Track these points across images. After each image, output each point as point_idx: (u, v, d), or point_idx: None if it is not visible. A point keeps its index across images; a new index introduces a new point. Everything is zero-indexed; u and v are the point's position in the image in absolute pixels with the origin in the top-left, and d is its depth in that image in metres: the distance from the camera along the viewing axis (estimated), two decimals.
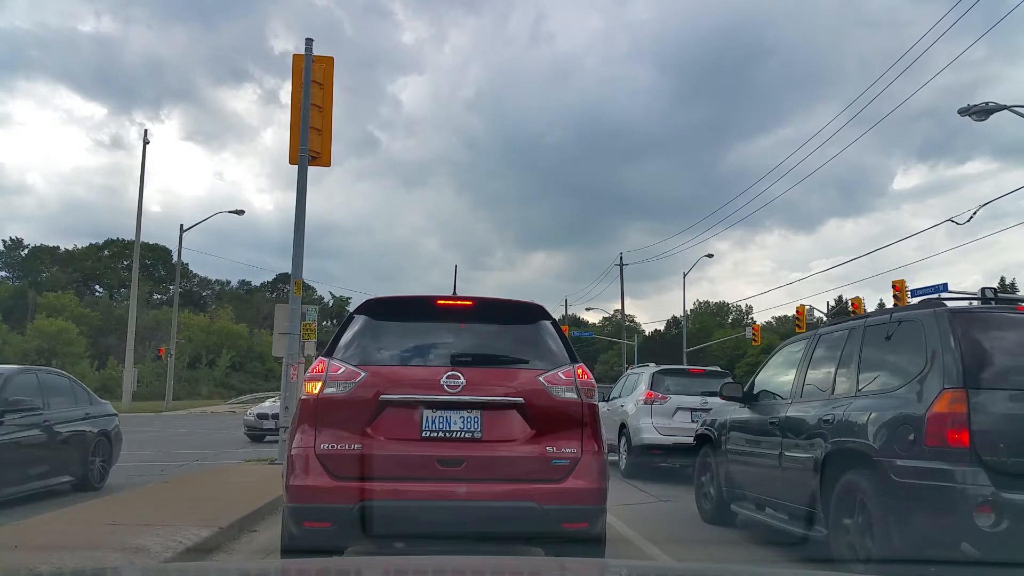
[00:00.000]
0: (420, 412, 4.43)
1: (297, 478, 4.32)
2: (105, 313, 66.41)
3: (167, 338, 42.59)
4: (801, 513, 5.65)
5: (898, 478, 4.51)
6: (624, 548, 6.08)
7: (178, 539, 5.55)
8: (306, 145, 11.83)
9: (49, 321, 56.18)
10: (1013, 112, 18.08)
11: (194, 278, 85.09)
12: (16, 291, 69.37)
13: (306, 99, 11.86)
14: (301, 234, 12.16)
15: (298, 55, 12.24)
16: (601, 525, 4.59)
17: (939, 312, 4.87)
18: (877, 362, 5.37)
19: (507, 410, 4.50)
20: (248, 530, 6.62)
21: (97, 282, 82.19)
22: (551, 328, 4.93)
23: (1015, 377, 4.50)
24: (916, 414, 4.54)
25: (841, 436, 5.20)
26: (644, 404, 11.79)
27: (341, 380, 4.48)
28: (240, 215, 37.81)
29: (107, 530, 5.84)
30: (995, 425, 4.34)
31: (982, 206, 21.91)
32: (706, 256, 48.89)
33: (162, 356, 42.00)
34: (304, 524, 4.31)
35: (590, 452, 4.49)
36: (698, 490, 7.98)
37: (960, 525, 4.20)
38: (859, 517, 4.87)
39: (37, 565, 4.64)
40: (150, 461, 13.46)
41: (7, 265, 79.31)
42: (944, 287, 23.25)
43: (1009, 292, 17.11)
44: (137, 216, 31.72)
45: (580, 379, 4.62)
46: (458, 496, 4.28)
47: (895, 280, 25.35)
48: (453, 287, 7.37)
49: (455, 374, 4.48)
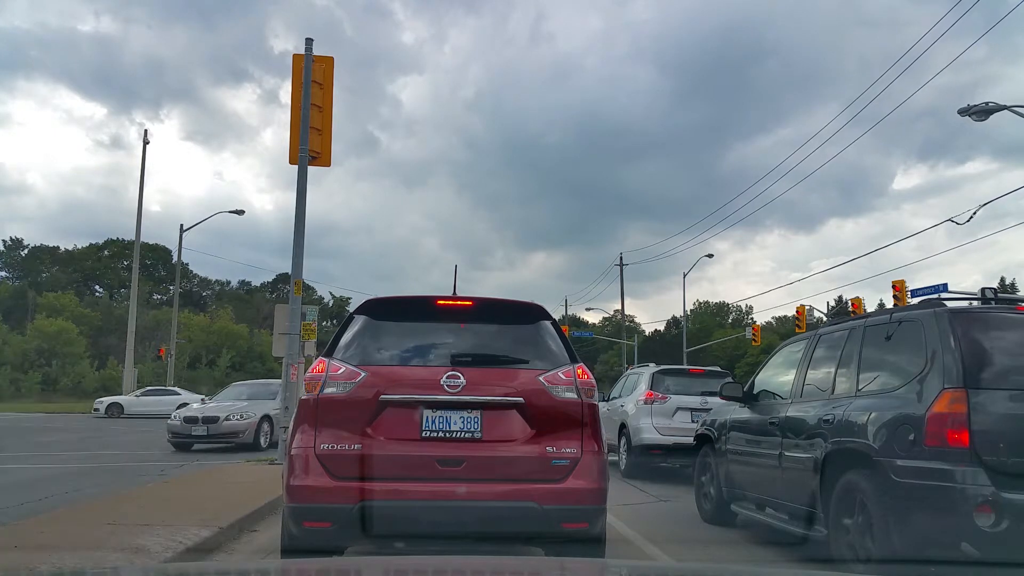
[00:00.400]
0: (420, 412, 4.43)
1: (297, 478, 4.32)
2: (105, 313, 66.39)
3: (167, 338, 42.59)
4: (801, 513, 5.65)
5: (898, 478, 4.51)
6: (624, 548, 6.08)
7: (178, 539, 5.56)
8: (306, 145, 11.84)
9: (49, 321, 56.18)
10: (1013, 112, 18.08)
11: (194, 278, 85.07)
12: (16, 291, 69.39)
13: (306, 99, 11.87)
14: (301, 234, 12.17)
15: (298, 55, 12.25)
16: (601, 525, 4.59)
17: (939, 312, 4.87)
18: (877, 362, 5.37)
19: (507, 410, 4.50)
20: (248, 530, 6.62)
21: (97, 282, 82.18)
22: (551, 328, 4.93)
23: (1015, 377, 4.50)
24: (916, 414, 4.54)
25: (841, 436, 5.20)
26: (644, 404, 11.79)
27: (341, 380, 4.48)
28: (240, 215, 37.82)
29: (107, 530, 5.84)
30: (995, 425, 4.34)
31: (982, 206, 21.93)
32: (706, 256, 48.97)
33: (162, 356, 41.98)
34: (304, 524, 4.31)
35: (590, 452, 4.49)
36: (698, 490, 7.98)
37: (960, 525, 4.20)
38: (859, 517, 4.87)
39: (37, 565, 4.64)
40: (150, 461, 13.46)
41: (7, 265, 79.39)
42: (944, 287, 23.25)
43: (1009, 292, 17.11)
44: (137, 216, 31.77)
45: (580, 379, 4.62)
46: (458, 496, 4.28)
47: (895, 280, 25.39)
48: (453, 287, 7.39)
49: (455, 374, 4.48)
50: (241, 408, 16.24)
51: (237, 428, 15.68)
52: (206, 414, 15.98)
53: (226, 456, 14.02)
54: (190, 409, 17.03)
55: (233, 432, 15.63)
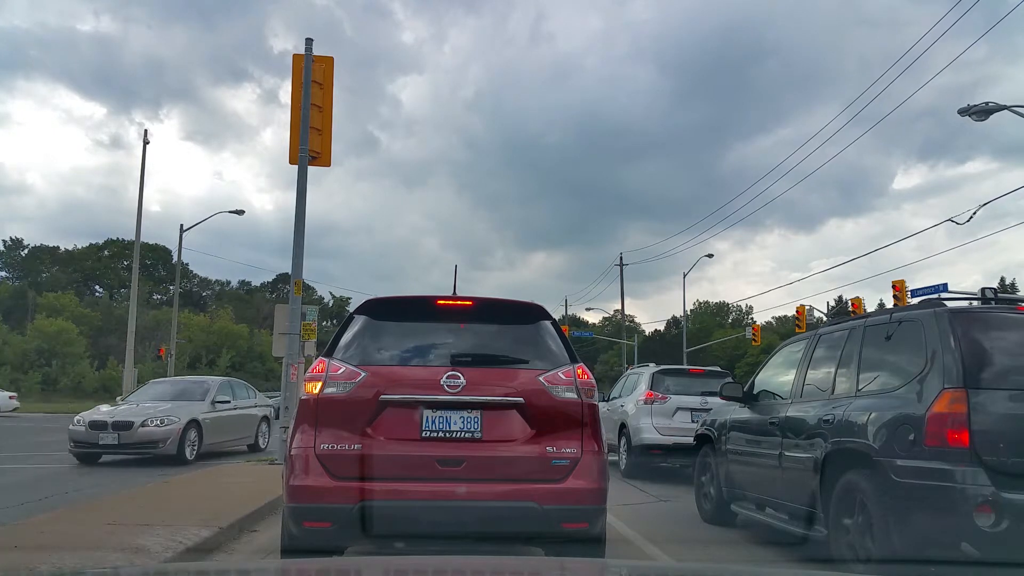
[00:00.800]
0: (420, 412, 4.43)
1: (297, 478, 4.32)
2: (105, 313, 66.43)
3: (167, 338, 42.56)
4: (801, 513, 5.65)
5: (898, 478, 4.51)
6: (624, 548, 6.08)
7: (178, 539, 5.56)
8: (306, 145, 11.84)
9: (49, 321, 56.22)
10: (1013, 112, 18.07)
11: (194, 278, 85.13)
12: (16, 291, 69.42)
13: (306, 99, 11.87)
14: (301, 234, 12.17)
15: (298, 55, 12.24)
16: (601, 525, 4.59)
17: (939, 312, 4.87)
18: (877, 362, 5.37)
19: (507, 410, 4.50)
20: (248, 530, 6.62)
21: (97, 282, 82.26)
22: (551, 328, 4.93)
23: (1015, 377, 4.50)
24: (916, 414, 4.54)
25: (841, 436, 5.19)
26: (644, 404, 11.79)
27: (341, 380, 4.48)
28: (240, 215, 37.71)
29: (107, 530, 5.84)
30: (995, 425, 4.34)
31: (982, 206, 21.90)
32: (706, 256, 48.90)
33: (162, 356, 41.98)
34: (304, 524, 4.31)
35: (590, 452, 4.49)
36: (698, 490, 7.98)
37: (960, 525, 4.20)
38: (859, 517, 4.87)
39: (37, 565, 4.65)
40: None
41: (7, 265, 79.45)
42: (944, 287, 23.25)
43: (1009, 292, 17.12)
44: (137, 216, 31.74)
45: (580, 379, 4.62)
46: (458, 496, 4.28)
47: (895, 280, 25.37)
48: (453, 287, 7.39)
49: (455, 374, 4.48)
50: (163, 412, 13.08)
51: (155, 436, 12.62)
52: (117, 418, 12.73)
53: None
54: (98, 412, 13.59)
55: (150, 441, 12.60)
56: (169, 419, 12.89)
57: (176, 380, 17.79)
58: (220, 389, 14.75)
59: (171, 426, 12.81)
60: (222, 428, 14.34)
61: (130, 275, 43.03)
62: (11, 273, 78.59)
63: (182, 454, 12.83)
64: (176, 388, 15.09)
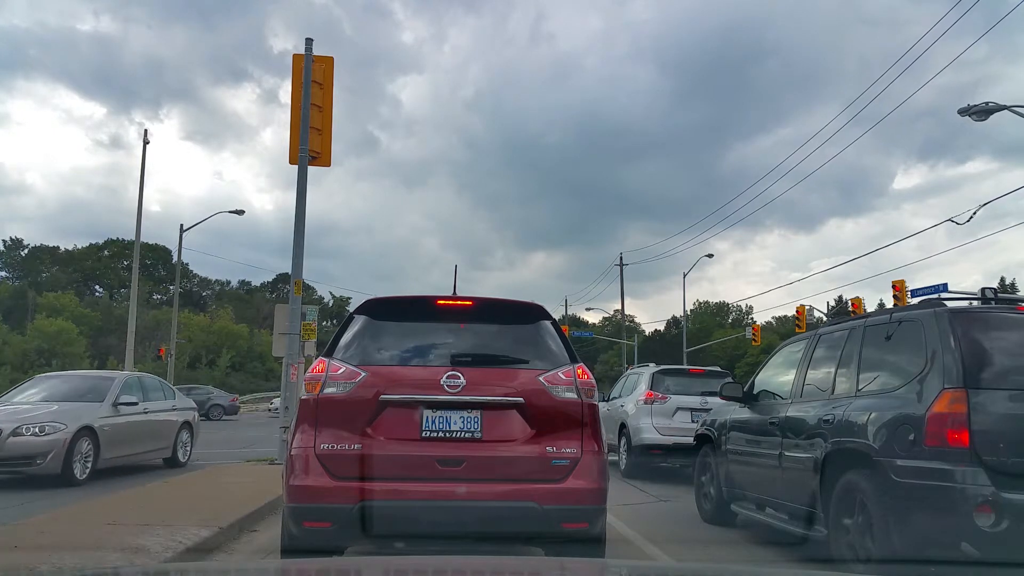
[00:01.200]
0: (420, 412, 4.43)
1: (297, 478, 4.32)
2: (105, 313, 66.40)
3: (167, 338, 42.56)
4: (801, 513, 5.65)
5: (898, 478, 4.51)
6: (624, 548, 6.08)
7: (178, 539, 5.56)
8: (306, 145, 11.84)
9: (49, 321, 56.16)
10: (1013, 112, 18.07)
11: (194, 278, 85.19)
12: (16, 291, 69.37)
13: (306, 99, 11.87)
14: (301, 234, 12.17)
15: (298, 55, 12.26)
16: (601, 525, 4.59)
17: (939, 312, 4.87)
18: (877, 362, 5.36)
19: (507, 410, 4.50)
20: (248, 530, 6.62)
21: (97, 282, 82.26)
22: (551, 328, 4.93)
23: (1015, 377, 4.50)
24: (916, 414, 4.54)
25: (841, 436, 5.19)
26: (644, 404, 11.79)
27: (341, 380, 4.48)
28: (240, 215, 37.70)
29: (107, 530, 5.85)
30: (995, 425, 4.34)
31: (982, 206, 21.90)
32: (706, 256, 48.90)
33: (162, 356, 41.96)
34: (304, 524, 4.31)
35: (590, 452, 4.49)
36: (698, 490, 7.98)
37: (960, 525, 4.20)
38: (859, 517, 4.87)
39: (37, 565, 4.65)
40: None
41: (7, 265, 79.40)
42: (944, 287, 23.23)
43: (1009, 292, 17.12)
44: (137, 216, 31.70)
45: (580, 379, 4.62)
46: (458, 496, 4.28)
47: (895, 280, 25.35)
48: (453, 287, 7.39)
49: (455, 374, 4.48)
50: (44, 416, 9.93)
51: (32, 449, 9.46)
52: (12, 425, 9.58)
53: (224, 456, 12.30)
54: None
55: (25, 456, 9.46)
56: (52, 426, 9.69)
57: (69, 375, 13.22)
58: (125, 387, 11.28)
59: (54, 435, 9.59)
60: (127, 437, 10.96)
61: (130, 275, 43.00)
62: (11, 273, 78.61)
63: (69, 472, 9.64)
64: (67, 385, 11.48)
